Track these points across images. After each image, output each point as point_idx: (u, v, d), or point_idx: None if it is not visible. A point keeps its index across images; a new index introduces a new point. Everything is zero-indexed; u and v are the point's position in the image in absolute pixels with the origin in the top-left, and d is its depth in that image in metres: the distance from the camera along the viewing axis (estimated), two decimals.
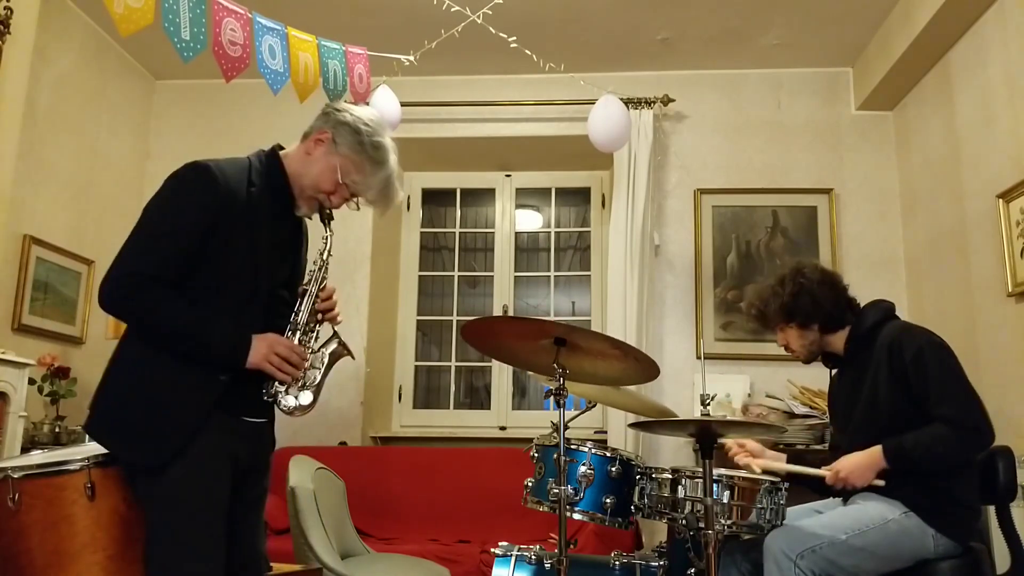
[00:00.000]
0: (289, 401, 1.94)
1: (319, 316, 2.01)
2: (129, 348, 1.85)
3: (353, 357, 2.12)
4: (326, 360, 2.02)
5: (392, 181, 2.01)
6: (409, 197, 5.05)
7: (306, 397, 1.96)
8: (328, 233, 2.03)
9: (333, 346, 2.03)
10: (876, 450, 2.21)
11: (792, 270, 2.50)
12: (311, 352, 1.98)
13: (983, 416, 2.17)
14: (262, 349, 1.84)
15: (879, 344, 2.33)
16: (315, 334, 2.01)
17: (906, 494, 2.20)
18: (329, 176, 1.94)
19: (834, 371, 2.59)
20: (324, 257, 2.01)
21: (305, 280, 2.02)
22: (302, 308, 1.97)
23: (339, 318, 2.06)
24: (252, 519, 1.98)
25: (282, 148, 2.02)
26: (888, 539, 2.15)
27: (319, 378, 1.98)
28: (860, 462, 2.23)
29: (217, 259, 1.83)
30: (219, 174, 1.85)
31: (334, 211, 2.03)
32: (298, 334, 1.96)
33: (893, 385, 2.26)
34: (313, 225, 2.10)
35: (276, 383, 1.91)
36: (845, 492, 2.30)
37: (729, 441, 2.53)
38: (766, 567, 2.13)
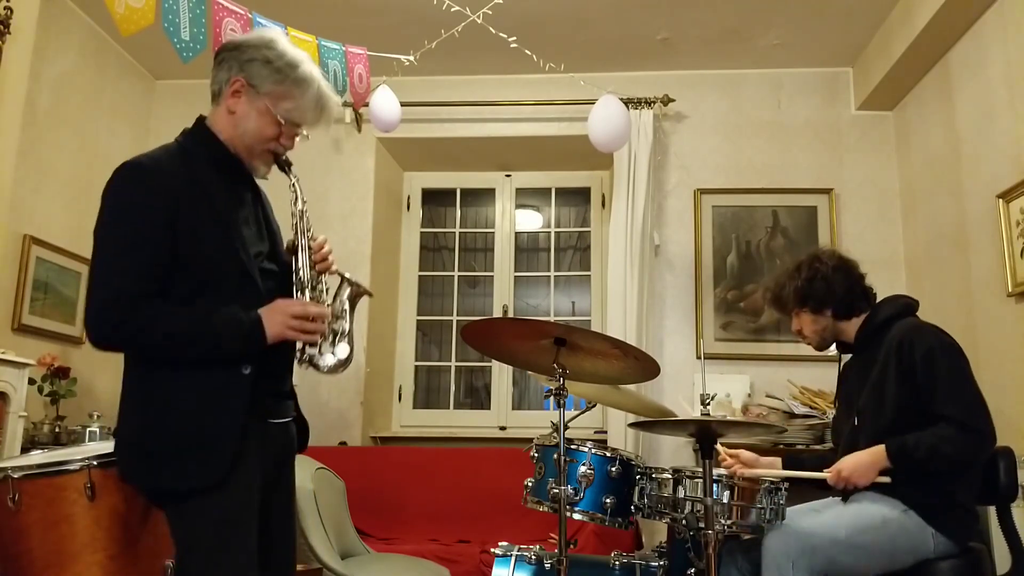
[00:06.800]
0: (327, 359, 1.83)
1: (318, 269, 1.89)
2: (136, 371, 1.73)
3: (371, 295, 2.03)
4: (347, 306, 1.91)
5: (324, 92, 1.84)
6: (409, 197, 5.06)
7: (343, 350, 1.86)
8: (293, 180, 1.89)
9: (347, 290, 1.93)
10: (879, 449, 2.21)
11: (809, 255, 2.52)
12: (327, 305, 1.86)
13: (988, 420, 2.17)
14: (276, 318, 1.71)
15: (889, 339, 2.33)
16: (324, 286, 1.89)
17: (906, 492, 2.20)
18: (268, 121, 1.80)
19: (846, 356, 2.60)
20: (298, 207, 1.88)
21: (291, 238, 1.89)
22: (300, 265, 1.85)
23: (334, 267, 1.93)
24: (284, 527, 1.89)
25: (205, 117, 1.87)
26: (887, 537, 2.15)
27: (348, 327, 1.88)
28: (862, 460, 2.23)
29: (192, 251, 1.69)
30: (155, 166, 1.72)
31: (289, 155, 1.89)
32: (307, 291, 1.83)
33: (901, 382, 2.26)
34: (276, 185, 1.96)
35: (307, 347, 1.79)
36: (846, 491, 2.30)
37: (721, 449, 2.50)
38: (765, 567, 2.13)
